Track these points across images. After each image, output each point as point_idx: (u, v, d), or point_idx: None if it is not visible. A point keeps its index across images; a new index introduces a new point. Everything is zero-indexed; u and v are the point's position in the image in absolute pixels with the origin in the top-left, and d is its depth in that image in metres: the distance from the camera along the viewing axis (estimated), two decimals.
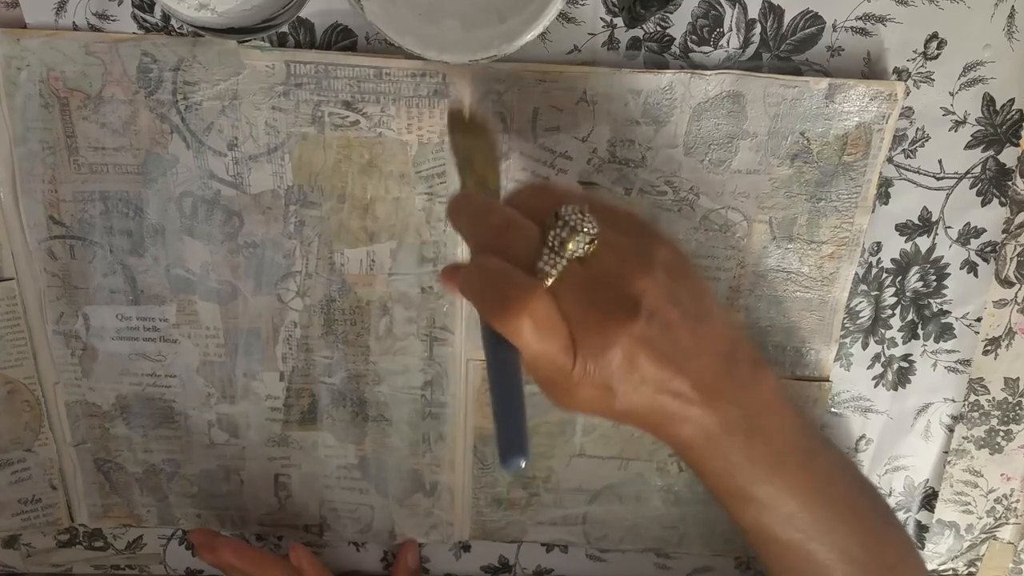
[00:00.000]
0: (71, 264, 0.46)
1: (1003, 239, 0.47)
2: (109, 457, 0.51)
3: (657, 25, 0.43)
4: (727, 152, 0.44)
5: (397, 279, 0.47)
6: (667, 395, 0.33)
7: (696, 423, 0.34)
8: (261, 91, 0.43)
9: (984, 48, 0.43)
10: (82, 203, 0.45)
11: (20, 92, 0.43)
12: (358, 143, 0.44)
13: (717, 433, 0.35)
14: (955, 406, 0.51)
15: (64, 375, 0.49)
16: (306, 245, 0.46)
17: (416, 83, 0.43)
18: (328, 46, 0.43)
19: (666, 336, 0.33)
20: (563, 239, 0.32)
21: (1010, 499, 0.54)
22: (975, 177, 0.46)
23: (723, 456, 0.36)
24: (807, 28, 0.43)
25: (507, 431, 0.30)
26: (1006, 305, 0.49)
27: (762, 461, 0.36)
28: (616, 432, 0.51)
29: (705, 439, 0.35)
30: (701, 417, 0.34)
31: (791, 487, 0.37)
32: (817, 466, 0.38)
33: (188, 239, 0.46)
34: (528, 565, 0.56)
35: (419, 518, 0.53)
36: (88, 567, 0.56)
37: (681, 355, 0.33)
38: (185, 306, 0.47)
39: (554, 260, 0.32)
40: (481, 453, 0.51)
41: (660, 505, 0.53)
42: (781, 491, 0.37)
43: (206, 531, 0.52)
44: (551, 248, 0.32)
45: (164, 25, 0.42)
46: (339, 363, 0.49)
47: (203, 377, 0.49)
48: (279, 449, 0.51)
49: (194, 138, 0.44)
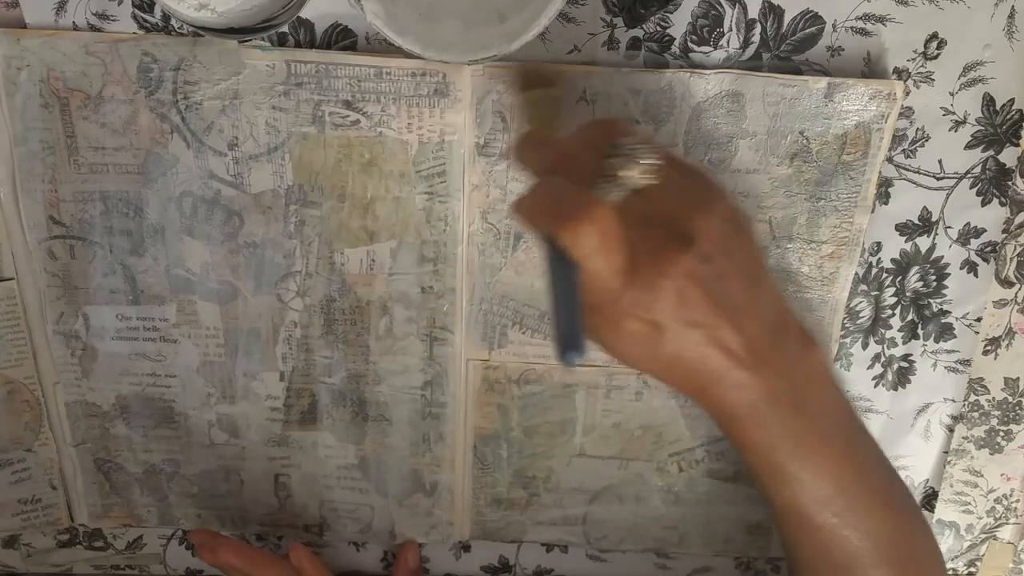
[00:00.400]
0: (71, 264, 0.46)
1: (1003, 239, 0.47)
2: (109, 457, 0.51)
3: (657, 25, 0.43)
4: (726, 151, 0.44)
5: (397, 279, 0.47)
6: (716, 348, 0.33)
7: (743, 389, 0.34)
8: (261, 91, 0.43)
9: (984, 48, 0.43)
10: (82, 203, 0.45)
11: (20, 92, 0.43)
12: (358, 143, 0.44)
13: (763, 403, 0.34)
14: (955, 406, 0.51)
15: (64, 375, 0.49)
16: (306, 245, 0.46)
17: (416, 83, 0.43)
18: (328, 46, 0.43)
19: (719, 284, 0.33)
20: (617, 166, 0.32)
21: (1010, 499, 0.54)
22: (975, 177, 0.46)
23: (767, 428, 0.35)
24: (807, 28, 0.43)
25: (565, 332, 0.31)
26: (1006, 305, 0.49)
27: (805, 438, 0.36)
28: (616, 432, 0.51)
29: (750, 408, 0.35)
30: (748, 382, 0.34)
31: (831, 468, 0.37)
32: (856, 450, 0.38)
33: (188, 239, 0.46)
34: (528, 565, 0.56)
35: (419, 518, 0.53)
36: (88, 567, 0.56)
37: (732, 308, 0.33)
38: (185, 306, 0.47)
39: (608, 187, 0.32)
40: (481, 453, 0.51)
41: (660, 505, 0.53)
42: (821, 471, 0.37)
43: (206, 531, 0.52)
44: (606, 175, 0.32)
45: (164, 25, 0.42)
46: (339, 363, 0.49)
47: (203, 377, 0.49)
48: (279, 449, 0.51)
49: (194, 138, 0.44)
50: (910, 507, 0.42)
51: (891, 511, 0.39)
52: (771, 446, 0.36)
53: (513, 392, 0.50)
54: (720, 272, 0.33)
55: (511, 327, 0.48)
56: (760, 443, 0.36)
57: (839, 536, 0.38)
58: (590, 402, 0.50)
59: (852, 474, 0.37)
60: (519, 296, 0.48)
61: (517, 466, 0.52)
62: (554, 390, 0.50)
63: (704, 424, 0.50)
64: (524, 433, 0.51)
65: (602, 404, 0.50)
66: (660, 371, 0.35)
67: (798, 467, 0.36)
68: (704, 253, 0.32)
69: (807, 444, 0.36)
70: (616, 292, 0.32)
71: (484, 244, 0.46)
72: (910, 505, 0.42)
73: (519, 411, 0.50)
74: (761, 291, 0.35)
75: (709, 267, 0.32)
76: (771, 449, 0.36)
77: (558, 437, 0.51)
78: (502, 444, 0.51)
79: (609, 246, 0.31)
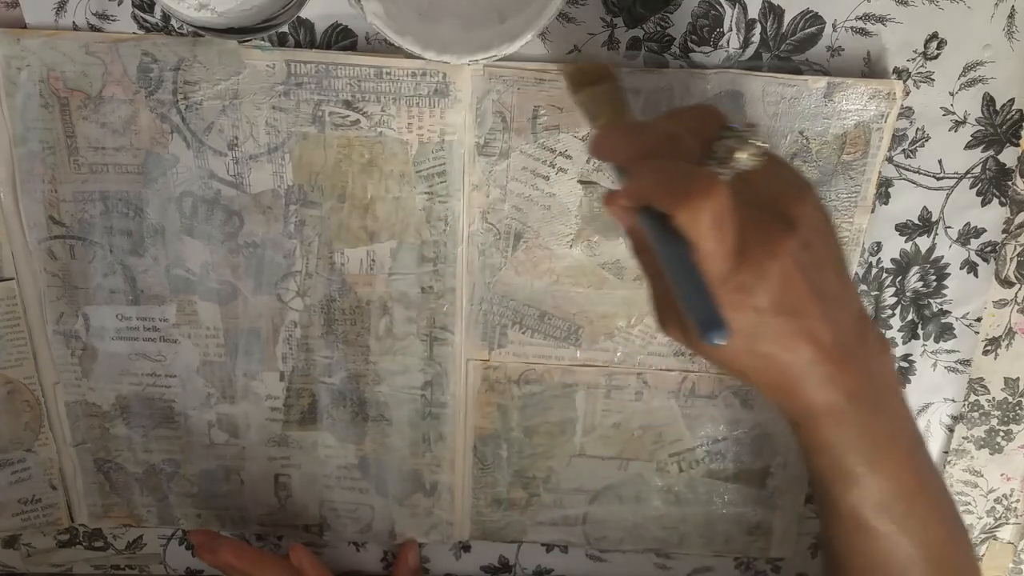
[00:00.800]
0: (71, 264, 0.46)
1: (1003, 239, 0.47)
2: (109, 457, 0.51)
3: (657, 25, 0.43)
4: None
5: (397, 279, 0.47)
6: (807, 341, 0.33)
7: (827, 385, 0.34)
8: (261, 91, 0.43)
9: (984, 48, 0.43)
10: (82, 203, 0.45)
11: (20, 92, 0.43)
12: (358, 143, 0.44)
13: (844, 401, 0.34)
14: (955, 406, 0.51)
15: (64, 375, 0.49)
16: (306, 245, 0.46)
17: (416, 83, 0.43)
18: (328, 46, 0.43)
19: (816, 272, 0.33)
20: (730, 148, 0.32)
21: (1010, 499, 0.54)
22: (975, 177, 0.46)
23: (844, 428, 0.35)
24: (807, 28, 0.43)
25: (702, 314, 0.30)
26: (1006, 305, 0.49)
27: (877, 440, 0.36)
28: (616, 432, 0.51)
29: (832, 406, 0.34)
30: (834, 378, 0.34)
31: (898, 472, 0.37)
32: (919, 456, 0.38)
33: (188, 239, 0.46)
34: (528, 565, 0.56)
35: (419, 518, 0.53)
36: (88, 567, 0.56)
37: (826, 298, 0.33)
38: (185, 306, 0.47)
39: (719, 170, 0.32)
40: (481, 453, 0.51)
41: (660, 505, 0.53)
42: (889, 475, 0.36)
43: (206, 532, 0.52)
44: (716, 158, 0.32)
45: (164, 25, 0.42)
46: (339, 363, 0.49)
47: (203, 377, 0.49)
48: (279, 449, 0.51)
49: (194, 138, 0.44)
50: (958, 517, 0.41)
51: (944, 520, 0.39)
52: (845, 447, 0.36)
53: (513, 392, 0.50)
54: (818, 260, 0.33)
55: (511, 327, 0.48)
56: (835, 443, 0.36)
57: (896, 543, 0.37)
58: (590, 402, 0.50)
59: (915, 480, 0.37)
60: (519, 296, 0.48)
61: (517, 466, 0.52)
62: (554, 390, 0.50)
63: (704, 424, 0.51)
64: (524, 433, 0.51)
65: (602, 404, 0.50)
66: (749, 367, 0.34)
67: (867, 469, 0.36)
68: (804, 240, 0.32)
69: (879, 446, 0.36)
70: (724, 275, 0.32)
71: (484, 244, 0.46)
72: (957, 515, 0.42)
73: (519, 411, 0.50)
74: (847, 283, 0.35)
75: (808, 254, 0.32)
76: (845, 450, 0.36)
77: (558, 437, 0.51)
78: (502, 444, 0.51)
79: (724, 226, 0.31)
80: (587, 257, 0.47)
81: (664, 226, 0.32)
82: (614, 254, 0.47)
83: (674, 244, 0.32)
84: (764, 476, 0.52)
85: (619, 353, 0.49)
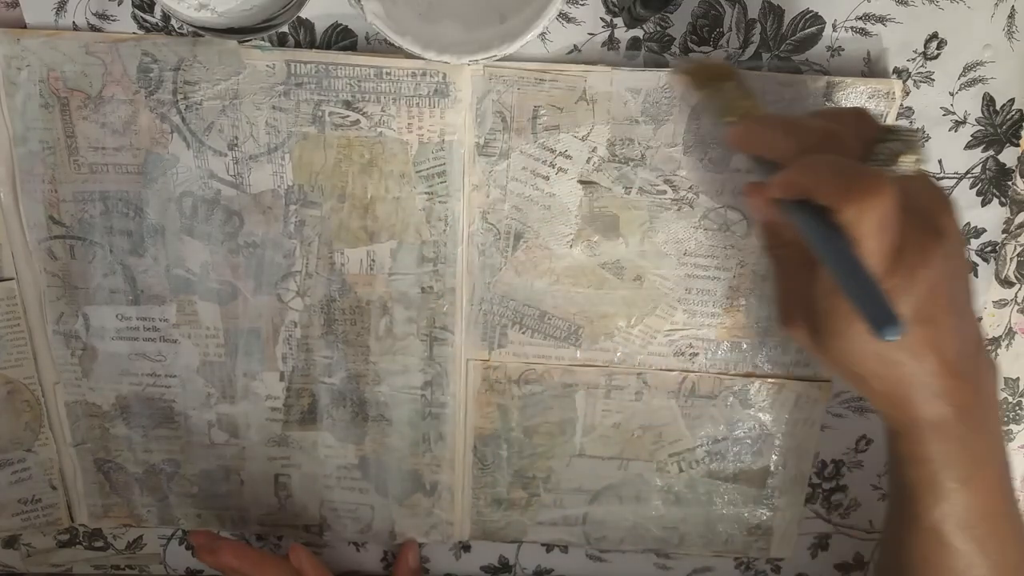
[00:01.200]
0: (71, 264, 0.46)
1: (1003, 239, 0.47)
2: (109, 457, 0.51)
3: (657, 25, 0.43)
4: (726, 151, 0.44)
5: (397, 279, 0.47)
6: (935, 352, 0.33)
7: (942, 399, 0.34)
8: (261, 91, 0.43)
9: (984, 48, 0.43)
10: (82, 203, 0.45)
11: (20, 92, 0.43)
12: (358, 143, 0.44)
13: (952, 416, 0.34)
14: None
15: (64, 375, 0.49)
16: (306, 245, 0.46)
17: (416, 83, 0.43)
18: (328, 46, 0.43)
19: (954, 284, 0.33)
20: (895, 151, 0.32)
21: None
22: (975, 177, 0.46)
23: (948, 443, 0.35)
24: (807, 28, 0.43)
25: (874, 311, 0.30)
26: (1006, 305, 0.49)
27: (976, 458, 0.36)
28: (616, 432, 0.51)
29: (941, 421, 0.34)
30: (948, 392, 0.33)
31: (987, 492, 0.37)
32: (1006, 478, 0.38)
33: (188, 239, 0.46)
34: (528, 565, 0.56)
35: (419, 518, 0.53)
36: (88, 567, 0.56)
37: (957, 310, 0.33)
38: (185, 306, 0.47)
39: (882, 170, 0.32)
40: (481, 453, 0.51)
41: (660, 505, 0.53)
42: (977, 495, 0.36)
43: (206, 533, 0.52)
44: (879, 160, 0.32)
45: (164, 25, 0.42)
46: (339, 363, 0.49)
47: (203, 377, 0.49)
48: (279, 449, 0.51)
49: (194, 138, 0.44)
50: None
51: (1019, 544, 0.39)
52: (943, 462, 0.36)
53: (513, 392, 0.50)
54: (956, 272, 0.33)
55: (511, 327, 0.48)
56: (934, 457, 0.36)
57: (972, 563, 0.37)
58: (590, 402, 0.50)
59: (1001, 502, 0.37)
60: (519, 296, 0.48)
61: (517, 466, 0.52)
62: (554, 390, 0.50)
63: (704, 424, 0.50)
64: (524, 433, 0.51)
65: (602, 404, 0.50)
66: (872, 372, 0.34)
67: (959, 486, 0.36)
68: (949, 251, 0.33)
69: (975, 464, 0.36)
70: (877, 276, 0.32)
71: (484, 244, 0.46)
72: None
73: (519, 411, 0.50)
74: (971, 300, 0.35)
75: (951, 265, 0.33)
76: (942, 465, 0.36)
77: (558, 437, 0.51)
78: (502, 444, 0.51)
79: (889, 227, 0.31)
80: (587, 257, 0.47)
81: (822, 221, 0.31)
82: (614, 254, 0.47)
83: (836, 240, 0.31)
84: (764, 476, 0.52)
85: (619, 353, 0.49)
